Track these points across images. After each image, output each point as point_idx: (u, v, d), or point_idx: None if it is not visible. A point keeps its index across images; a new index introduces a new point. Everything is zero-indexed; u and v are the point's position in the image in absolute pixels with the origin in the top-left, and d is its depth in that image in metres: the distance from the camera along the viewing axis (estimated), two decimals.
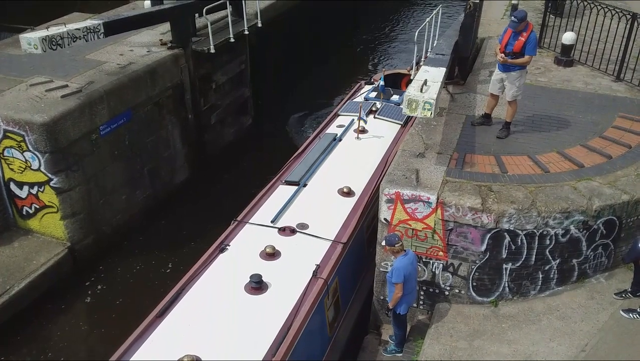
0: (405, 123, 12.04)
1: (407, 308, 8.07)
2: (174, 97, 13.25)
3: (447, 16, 21.67)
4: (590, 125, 9.85)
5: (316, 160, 10.70)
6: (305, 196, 9.79)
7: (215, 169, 14.69)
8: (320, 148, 11.09)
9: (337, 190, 9.92)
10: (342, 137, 11.58)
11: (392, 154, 10.50)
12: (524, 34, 8.88)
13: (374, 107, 12.69)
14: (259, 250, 8.39)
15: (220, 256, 8.45)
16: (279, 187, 10.08)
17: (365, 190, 10.03)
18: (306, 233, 8.84)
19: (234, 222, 9.20)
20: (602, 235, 8.21)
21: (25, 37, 9.98)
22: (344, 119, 12.44)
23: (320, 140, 11.56)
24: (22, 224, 11.31)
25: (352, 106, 12.87)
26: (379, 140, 11.53)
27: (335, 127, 12.25)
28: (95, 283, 11.21)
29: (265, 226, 8.99)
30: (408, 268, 7.70)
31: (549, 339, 7.65)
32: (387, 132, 11.89)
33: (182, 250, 11.79)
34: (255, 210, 9.47)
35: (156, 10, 12.95)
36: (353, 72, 21.27)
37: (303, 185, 9.99)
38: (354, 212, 9.46)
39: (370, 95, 13.44)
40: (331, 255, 8.49)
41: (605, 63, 11.76)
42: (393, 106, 12.81)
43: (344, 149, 11.25)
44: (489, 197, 7.89)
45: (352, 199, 9.78)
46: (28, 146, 10.33)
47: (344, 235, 8.89)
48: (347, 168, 10.58)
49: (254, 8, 15.27)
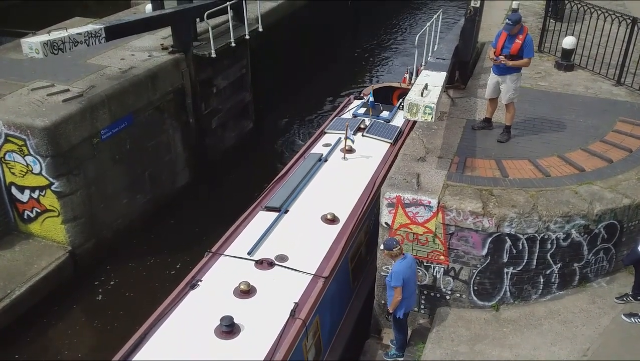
0: (395, 141, 11.52)
1: (407, 312, 8.07)
2: (175, 101, 13.27)
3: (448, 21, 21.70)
4: (591, 129, 9.86)
5: (299, 183, 10.04)
6: (286, 224, 9.16)
7: (216, 173, 14.70)
8: (305, 169, 10.45)
9: (320, 217, 9.29)
10: (327, 157, 10.94)
11: (380, 175, 10.22)
12: (520, 36, 8.89)
13: (363, 124, 12.05)
14: (232, 287, 7.76)
15: (190, 293, 7.80)
16: (258, 213, 9.44)
17: (351, 217, 9.38)
18: (285, 266, 8.22)
19: (208, 253, 8.57)
20: (604, 239, 8.20)
21: (26, 41, 10.01)
22: (330, 137, 11.76)
23: (305, 160, 10.89)
24: (23, 228, 11.31)
25: (340, 123, 12.23)
26: (367, 161, 10.91)
27: (321, 145, 11.54)
28: (96, 287, 11.22)
29: (241, 258, 8.36)
30: (407, 272, 7.70)
31: (551, 343, 7.64)
32: (376, 151, 11.27)
33: (183, 254, 11.79)
34: (231, 239, 8.84)
35: (157, 15, 12.99)
36: (353, 75, 21.35)
37: (284, 212, 9.37)
38: (337, 241, 8.83)
39: (359, 112, 12.83)
40: (311, 291, 7.86)
41: (605, 67, 11.77)
42: (382, 123, 12.25)
43: (330, 171, 10.60)
44: (490, 201, 7.90)
45: (336, 227, 9.15)
46: (29, 150, 10.35)
47: (325, 268, 8.27)
48: (332, 192, 9.97)
49: (255, 12, 15.30)
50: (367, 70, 22.17)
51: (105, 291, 11.15)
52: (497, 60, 9.06)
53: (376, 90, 14.13)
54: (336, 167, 10.74)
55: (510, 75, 9.17)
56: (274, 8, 17.11)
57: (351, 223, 9.20)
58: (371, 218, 9.92)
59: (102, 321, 10.53)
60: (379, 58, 23.30)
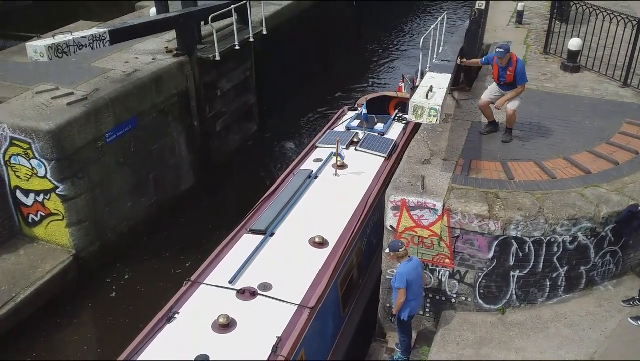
0: (389, 155, 11.12)
1: (411, 314, 8.02)
2: (179, 104, 13.28)
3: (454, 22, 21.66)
4: (597, 131, 9.80)
5: (287, 203, 9.56)
6: (271, 248, 8.67)
7: (221, 176, 14.70)
8: (293, 187, 9.97)
9: (308, 240, 8.81)
10: (318, 174, 10.45)
11: (373, 193, 9.95)
12: (510, 68, 9.08)
13: (356, 137, 11.61)
14: (211, 320, 7.26)
15: (166, 327, 7.30)
16: (242, 237, 8.95)
17: (341, 239, 8.90)
18: (268, 296, 7.70)
19: (187, 282, 8.07)
20: (610, 242, 8.14)
21: (31, 44, 10.02)
22: (322, 152, 11.27)
23: (294, 177, 10.39)
24: (28, 231, 11.32)
25: (332, 137, 11.71)
26: (359, 177, 10.46)
27: (312, 161, 11.05)
28: (100, 291, 11.21)
29: (221, 288, 7.85)
30: (411, 274, 7.66)
31: (557, 347, 7.58)
32: (369, 166, 10.81)
33: (188, 257, 11.78)
34: (212, 266, 8.34)
35: (161, 18, 13.01)
36: (357, 77, 21.33)
37: (270, 234, 8.88)
38: (326, 266, 8.35)
39: (352, 124, 12.39)
40: (295, 324, 7.35)
41: (612, 69, 11.72)
42: (376, 136, 11.80)
43: (320, 188, 10.11)
44: (496, 204, 7.85)
45: (325, 250, 8.66)
46: (34, 153, 10.36)
47: (312, 297, 7.77)
48: (321, 212, 9.51)
49: (259, 15, 15.33)
50: (371, 72, 22.15)
51: (110, 294, 11.14)
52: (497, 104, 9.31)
53: (371, 99, 13.77)
54: (327, 184, 10.25)
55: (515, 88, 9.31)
56: (278, 11, 17.12)
57: (341, 246, 8.75)
58: (363, 238, 9.55)
59: (106, 324, 10.52)
60: (382, 60, 23.28)
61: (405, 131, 12.18)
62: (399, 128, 12.39)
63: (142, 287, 11.29)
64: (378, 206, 9.88)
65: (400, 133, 12.11)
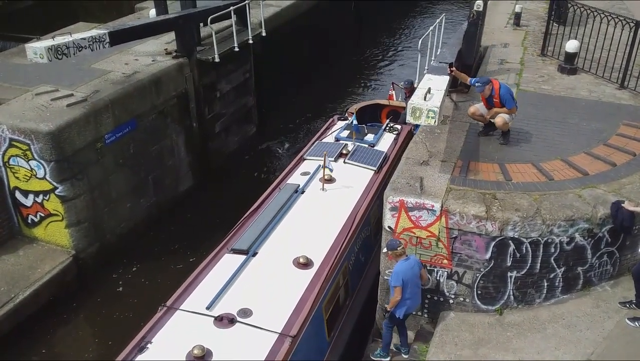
0: (379, 168, 10.73)
1: (407, 313, 8.04)
2: (178, 105, 13.31)
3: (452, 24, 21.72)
4: (595, 133, 9.85)
5: (272, 221, 9.12)
6: (253, 269, 8.24)
7: (220, 177, 14.73)
8: (278, 204, 9.57)
9: (292, 261, 8.39)
10: (305, 188, 10.05)
11: (362, 208, 9.60)
12: (495, 95, 9.24)
13: (345, 149, 11.18)
14: (186, 350, 6.84)
15: (138, 359, 6.92)
16: (224, 257, 8.52)
17: (326, 259, 8.47)
18: (247, 323, 7.26)
19: (162, 307, 7.61)
20: (607, 243, 8.18)
21: (31, 46, 10.05)
22: (310, 165, 10.86)
23: (280, 192, 9.98)
24: (27, 232, 11.34)
25: (320, 148, 11.26)
26: (348, 191, 10.06)
27: (299, 174, 10.65)
28: (99, 291, 11.23)
29: (198, 314, 7.41)
30: (407, 273, 7.69)
31: (555, 347, 7.61)
32: (358, 179, 10.42)
33: (187, 258, 11.79)
34: (190, 290, 7.89)
35: (161, 20, 13.05)
36: (357, 79, 21.39)
37: (252, 255, 8.45)
38: (310, 290, 7.89)
39: (342, 135, 11.93)
40: (276, 355, 6.92)
41: (609, 71, 11.77)
42: (367, 148, 11.39)
43: (307, 204, 9.71)
44: (493, 205, 7.88)
45: (310, 272, 8.22)
46: (33, 155, 10.38)
47: (294, 324, 7.32)
48: (307, 230, 9.10)
49: (259, 17, 15.37)
50: (370, 74, 22.18)
51: (109, 295, 11.16)
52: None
53: (363, 108, 13.51)
54: (314, 199, 9.84)
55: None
56: (278, 13, 17.17)
57: (326, 267, 8.31)
58: (350, 257, 9.18)
59: (105, 325, 10.54)
60: (381, 62, 23.32)
61: (396, 142, 11.90)
62: (390, 139, 12.02)
63: (142, 288, 11.31)
64: (367, 221, 9.72)
65: (391, 145, 11.76)
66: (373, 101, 14.62)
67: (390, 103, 13.95)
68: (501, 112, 9.30)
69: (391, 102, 13.98)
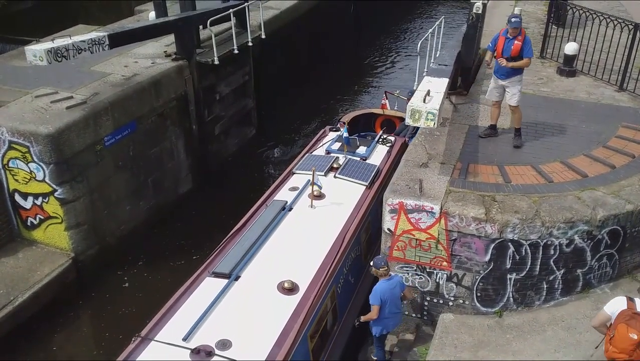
0: (370, 184, 10.30)
1: (384, 333, 8.10)
2: (178, 108, 13.31)
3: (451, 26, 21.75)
4: (594, 135, 9.86)
5: (257, 240, 8.68)
6: (235, 295, 7.77)
7: (219, 180, 14.72)
8: (264, 222, 9.11)
9: (277, 285, 7.93)
10: (293, 205, 9.63)
11: (352, 226, 9.19)
12: (519, 37, 9.08)
13: (336, 162, 10.77)
14: None
15: None
16: (204, 281, 8.08)
17: (313, 283, 8.03)
18: (226, 357, 6.79)
19: (136, 338, 7.20)
20: (607, 245, 8.18)
21: (30, 49, 10.06)
22: (299, 179, 10.43)
23: (266, 210, 9.54)
24: (27, 235, 11.33)
25: (310, 162, 10.84)
26: (338, 208, 9.64)
27: (287, 190, 10.22)
28: (99, 294, 11.22)
29: (174, 346, 6.96)
30: (386, 293, 7.77)
31: (554, 350, 7.61)
32: (349, 195, 10.00)
33: (186, 261, 11.79)
34: (167, 318, 7.44)
35: (161, 22, 13.06)
36: (355, 81, 21.38)
37: (234, 279, 7.98)
38: (294, 317, 7.43)
39: (333, 147, 11.46)
40: None
41: (608, 73, 11.78)
42: (358, 162, 10.92)
43: (294, 223, 9.27)
44: (493, 207, 7.89)
45: (295, 298, 7.77)
46: (33, 157, 10.38)
47: (277, 355, 6.91)
48: (294, 251, 8.67)
49: (258, 20, 15.39)
50: (370, 75, 22.18)
51: (108, 298, 11.14)
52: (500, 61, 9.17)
53: (356, 117, 13.14)
54: (301, 217, 9.43)
55: (515, 76, 9.32)
56: (277, 15, 17.18)
57: (313, 292, 7.87)
58: (339, 280, 8.71)
59: (104, 328, 10.52)
60: (381, 64, 23.31)
61: (390, 154, 11.48)
62: (383, 152, 11.56)
63: (141, 291, 11.30)
64: (358, 240, 9.45)
65: (384, 158, 11.32)
66: (367, 110, 14.23)
67: (384, 112, 13.64)
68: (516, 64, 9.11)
69: (385, 111, 13.70)
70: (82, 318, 10.83)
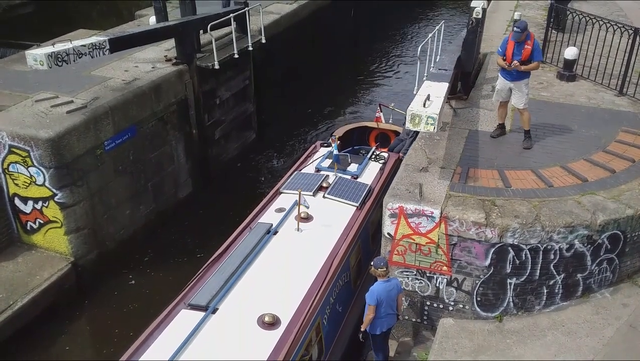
0: (361, 204, 9.82)
1: (384, 330, 8.06)
2: (178, 112, 13.32)
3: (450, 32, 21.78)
4: (594, 140, 9.86)
5: (237, 269, 8.13)
6: (212, 329, 7.26)
7: (219, 184, 14.72)
8: (247, 247, 8.56)
9: (257, 319, 7.41)
10: (278, 228, 9.08)
11: (341, 251, 8.71)
12: (528, 42, 9.18)
13: (326, 181, 10.24)
14: None
15: None
16: (180, 313, 7.55)
17: (296, 316, 7.50)
18: None
19: None
20: (607, 249, 8.18)
21: (31, 53, 10.07)
22: (286, 199, 9.90)
23: (250, 234, 8.97)
24: (26, 239, 11.32)
25: (299, 180, 10.37)
26: (326, 231, 9.10)
27: (273, 211, 9.68)
28: (98, 298, 11.20)
29: None
30: (382, 294, 7.76)
31: (555, 355, 7.60)
32: (339, 217, 9.49)
33: (186, 265, 11.77)
34: (138, 354, 7.04)
35: (161, 27, 13.07)
36: (355, 86, 21.41)
37: (212, 311, 7.46)
38: (275, 355, 6.95)
39: (323, 164, 10.91)
40: None
41: (607, 78, 11.79)
42: (349, 180, 10.41)
43: (279, 248, 8.72)
44: (493, 212, 7.89)
45: (276, 332, 7.25)
46: (33, 161, 10.38)
47: None
48: (277, 280, 8.13)
49: (258, 24, 15.41)
50: (369, 78, 22.20)
51: (108, 302, 11.12)
52: (510, 66, 9.25)
53: (350, 131, 12.74)
54: (287, 241, 8.89)
55: (523, 80, 9.42)
56: (277, 20, 17.21)
57: (295, 325, 7.35)
58: (325, 310, 8.17)
59: (104, 331, 10.50)
60: (380, 66, 23.34)
61: (382, 171, 10.99)
62: (376, 169, 11.07)
63: (141, 294, 11.28)
64: (346, 266, 8.99)
65: (376, 175, 10.84)
66: (360, 123, 13.73)
67: (379, 125, 13.23)
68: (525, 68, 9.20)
69: (379, 124, 13.26)
70: (81, 322, 10.80)
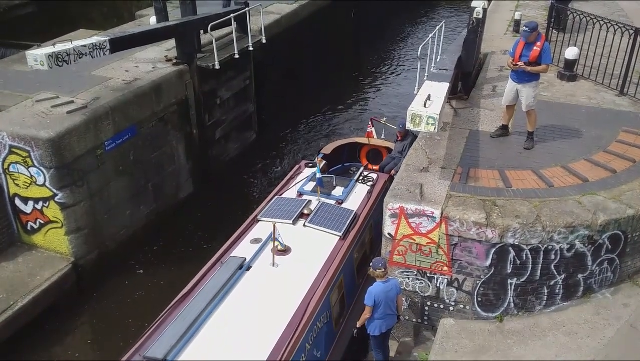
0: (344, 234, 9.00)
1: (383, 331, 8.05)
2: (178, 112, 13.32)
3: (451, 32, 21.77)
4: (594, 140, 9.85)
5: (202, 312, 7.30)
6: None
7: (220, 184, 14.72)
8: (215, 287, 7.74)
9: None
10: (252, 263, 8.32)
11: (320, 289, 7.93)
12: (538, 43, 9.11)
13: (307, 207, 9.50)
14: None
15: None
16: None
17: None
18: None
19: None
20: (608, 249, 8.17)
21: (31, 53, 10.06)
22: (263, 228, 9.10)
23: (220, 269, 8.19)
24: (27, 239, 11.32)
25: (278, 206, 9.64)
26: (304, 266, 8.32)
27: (248, 242, 8.91)
28: (99, 299, 11.20)
29: None
30: (380, 295, 7.75)
31: (555, 355, 7.59)
32: (319, 249, 8.69)
33: (186, 265, 11.74)
34: None
35: (161, 27, 13.07)
36: (355, 85, 21.41)
37: None
38: None
39: (306, 188, 10.17)
40: None
41: (608, 77, 11.79)
42: (333, 206, 9.63)
43: (251, 286, 7.94)
44: (493, 212, 7.88)
45: None
46: (33, 161, 10.38)
47: None
48: (247, 324, 7.36)
49: (259, 24, 15.40)
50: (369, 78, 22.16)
51: (108, 303, 11.12)
52: (517, 66, 9.20)
53: (340, 147, 12.13)
54: (261, 278, 8.10)
55: (530, 82, 9.35)
56: (278, 20, 17.20)
57: None
58: (299, 358, 7.39)
59: (105, 332, 10.50)
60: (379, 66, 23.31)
61: (370, 195, 10.22)
62: (363, 193, 10.29)
63: (141, 295, 11.28)
64: (326, 304, 8.17)
65: (363, 200, 10.06)
66: (351, 139, 12.98)
67: (370, 141, 12.62)
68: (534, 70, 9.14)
69: (370, 140, 12.66)
70: (81, 323, 10.79)
